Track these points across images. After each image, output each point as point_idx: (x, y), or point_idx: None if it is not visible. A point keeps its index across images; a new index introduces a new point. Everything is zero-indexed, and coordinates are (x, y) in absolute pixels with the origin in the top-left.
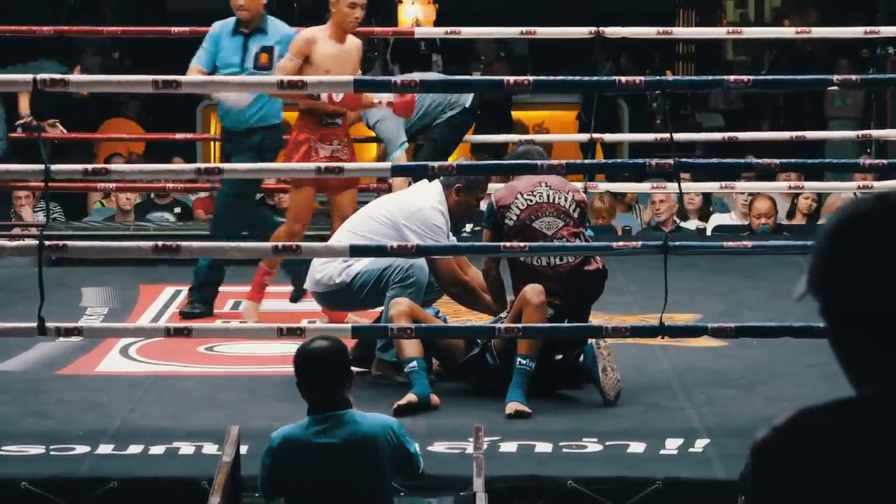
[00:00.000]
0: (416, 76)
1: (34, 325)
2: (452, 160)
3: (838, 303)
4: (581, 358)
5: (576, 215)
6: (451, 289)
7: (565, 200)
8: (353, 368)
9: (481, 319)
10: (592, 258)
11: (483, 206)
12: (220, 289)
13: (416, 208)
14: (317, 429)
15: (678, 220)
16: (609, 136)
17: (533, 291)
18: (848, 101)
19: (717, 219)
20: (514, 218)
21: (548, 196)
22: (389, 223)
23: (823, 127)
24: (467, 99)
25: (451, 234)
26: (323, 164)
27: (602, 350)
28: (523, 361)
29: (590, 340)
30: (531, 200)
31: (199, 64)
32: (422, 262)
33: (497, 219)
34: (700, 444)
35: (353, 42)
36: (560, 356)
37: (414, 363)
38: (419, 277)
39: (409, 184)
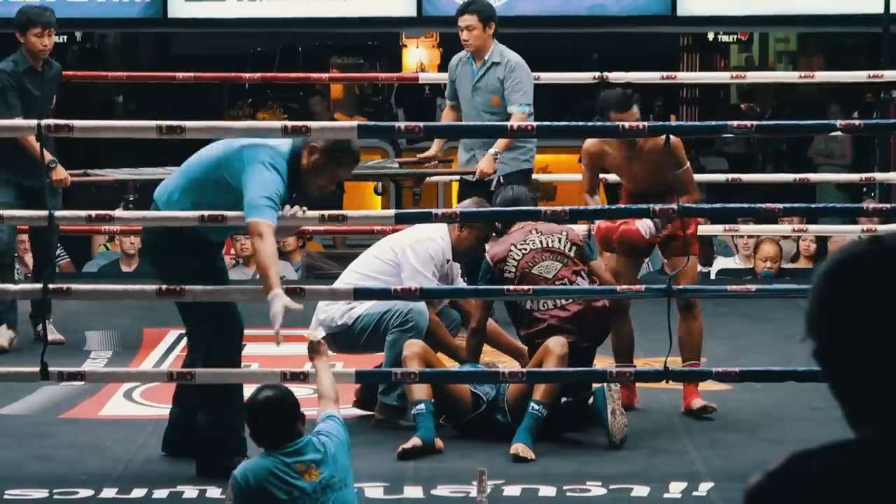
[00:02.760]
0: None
1: (37, 369)
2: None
3: (835, 345)
4: (591, 400)
5: (572, 254)
6: None
7: (559, 242)
8: (358, 412)
9: (509, 364)
10: (593, 302)
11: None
12: None
13: (416, 240)
14: (280, 457)
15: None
16: (613, 177)
17: (556, 343)
18: (832, 146)
19: (720, 262)
20: (514, 269)
21: (540, 242)
22: (394, 263)
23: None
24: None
25: (457, 273)
26: (326, 213)
27: (612, 393)
28: (536, 407)
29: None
30: (525, 249)
31: None
32: (422, 306)
33: (495, 275)
34: (704, 488)
35: None
36: (567, 399)
37: (421, 406)
38: (418, 322)
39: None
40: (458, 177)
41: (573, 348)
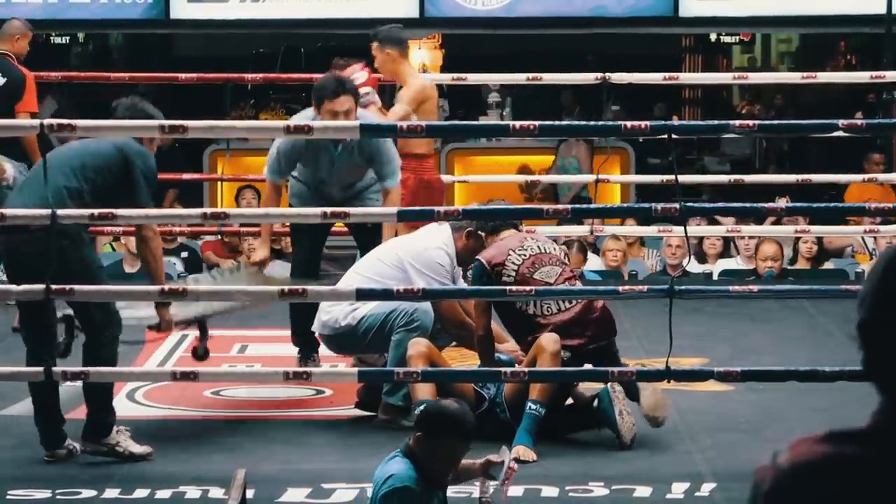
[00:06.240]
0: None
1: (41, 369)
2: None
3: (877, 319)
4: (595, 402)
5: (567, 261)
6: (453, 330)
7: (555, 249)
8: (359, 412)
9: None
10: (594, 302)
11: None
12: (228, 332)
13: (422, 248)
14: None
15: (685, 265)
16: (614, 178)
17: (549, 339)
18: (568, 162)
19: (723, 263)
20: (514, 273)
21: (538, 248)
22: (397, 266)
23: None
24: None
25: (458, 276)
26: (328, 210)
27: (617, 394)
28: (534, 406)
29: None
30: (524, 254)
31: None
32: (427, 306)
33: (491, 278)
34: (706, 489)
35: None
36: (572, 401)
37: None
38: (423, 321)
39: None
40: None
41: (581, 351)
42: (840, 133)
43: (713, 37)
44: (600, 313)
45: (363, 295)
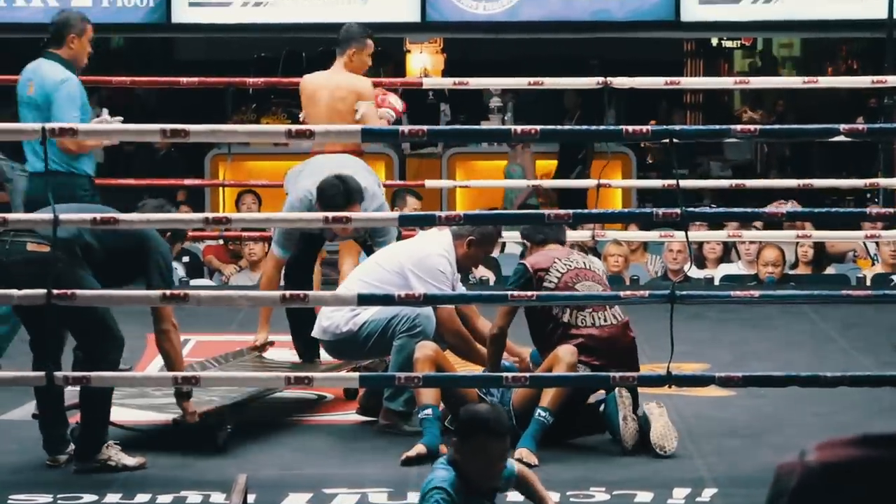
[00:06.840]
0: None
1: (42, 373)
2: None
3: None
4: (602, 406)
5: (606, 282)
6: (450, 338)
7: (598, 269)
8: (361, 417)
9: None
10: (628, 331)
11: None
12: (231, 337)
13: (424, 255)
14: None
15: (686, 270)
16: (616, 182)
17: (566, 351)
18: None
19: (724, 268)
20: (556, 281)
21: (583, 263)
22: (398, 272)
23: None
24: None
25: (458, 282)
26: (330, 215)
27: (624, 399)
28: (543, 413)
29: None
30: (569, 265)
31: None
32: (428, 311)
33: (529, 283)
34: (707, 494)
35: None
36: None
37: (429, 410)
38: (426, 327)
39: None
40: None
41: (600, 370)
42: (841, 138)
43: (715, 41)
44: (630, 344)
45: (364, 300)
